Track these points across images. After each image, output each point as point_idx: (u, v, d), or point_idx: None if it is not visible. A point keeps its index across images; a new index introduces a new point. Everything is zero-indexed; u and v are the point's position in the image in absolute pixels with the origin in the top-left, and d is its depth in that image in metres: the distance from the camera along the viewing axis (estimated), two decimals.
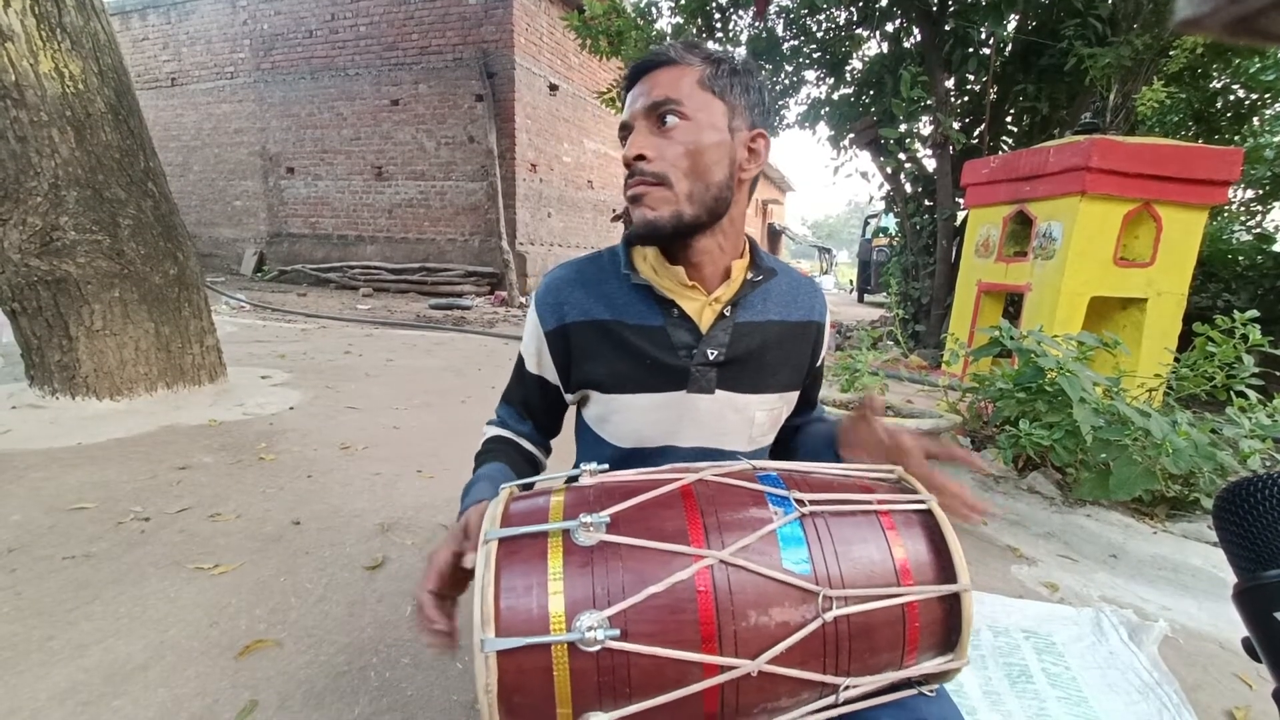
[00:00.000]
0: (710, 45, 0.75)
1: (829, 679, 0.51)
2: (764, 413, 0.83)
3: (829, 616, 0.50)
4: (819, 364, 0.92)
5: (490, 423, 0.93)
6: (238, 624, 1.38)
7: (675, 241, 0.76)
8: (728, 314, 0.78)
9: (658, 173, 0.71)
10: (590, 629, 0.46)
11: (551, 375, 0.85)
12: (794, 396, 0.87)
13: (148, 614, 1.40)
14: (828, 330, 0.90)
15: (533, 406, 0.89)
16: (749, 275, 0.80)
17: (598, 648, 0.46)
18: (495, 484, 0.75)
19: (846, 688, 0.52)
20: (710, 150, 0.72)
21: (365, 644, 1.34)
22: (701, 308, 0.79)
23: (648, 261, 0.81)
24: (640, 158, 0.72)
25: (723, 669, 0.48)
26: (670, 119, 0.71)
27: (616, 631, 0.46)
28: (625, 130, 0.76)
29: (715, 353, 0.78)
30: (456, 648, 0.57)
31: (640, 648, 0.47)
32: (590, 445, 0.87)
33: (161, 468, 2.23)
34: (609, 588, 0.48)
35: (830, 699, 0.52)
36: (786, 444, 0.95)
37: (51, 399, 2.69)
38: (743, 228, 0.81)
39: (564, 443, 0.96)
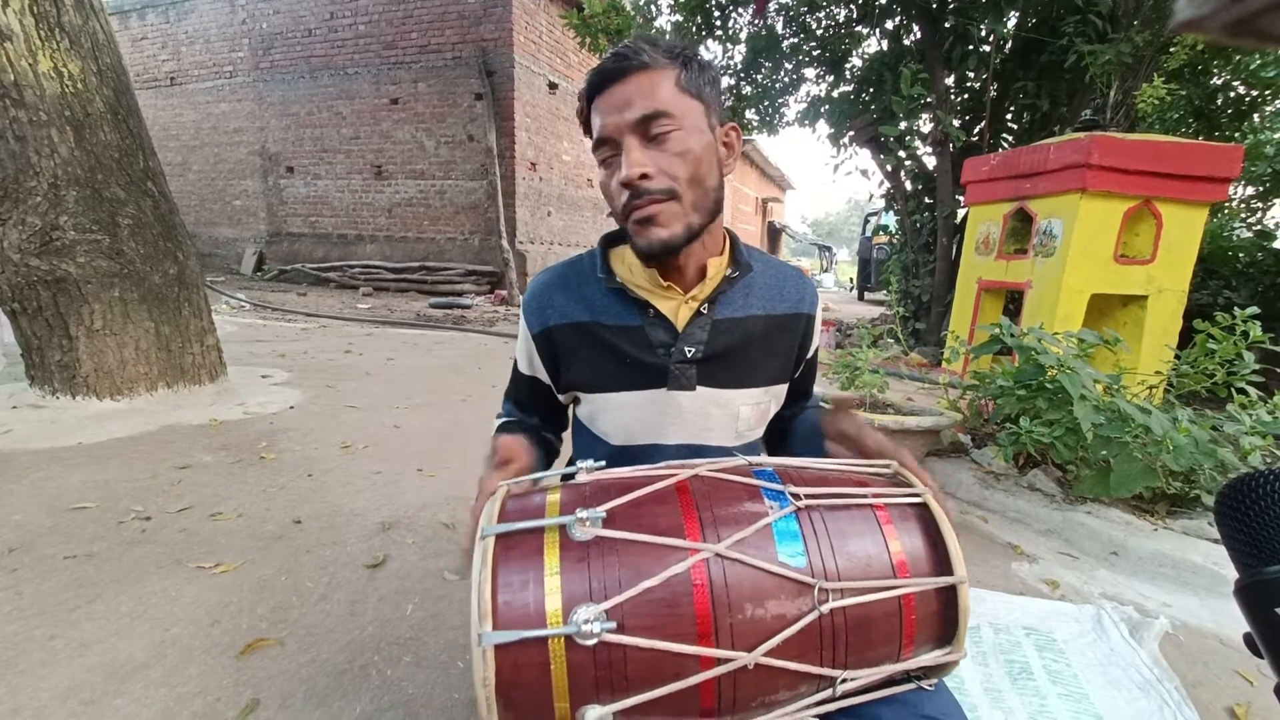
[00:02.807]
0: (669, 40, 0.73)
1: (826, 671, 0.51)
2: (749, 407, 0.83)
3: (825, 609, 0.50)
4: (811, 355, 0.91)
5: (499, 415, 0.95)
6: (239, 623, 1.39)
7: (684, 249, 0.74)
8: (705, 311, 0.78)
9: (665, 189, 0.69)
10: (587, 622, 0.46)
11: (543, 375, 0.87)
12: (781, 390, 0.87)
13: (149, 613, 1.40)
14: (819, 321, 0.90)
15: (531, 405, 0.91)
16: (727, 271, 0.80)
17: (594, 641, 0.46)
18: (515, 439, 0.74)
19: (843, 680, 0.52)
20: (704, 155, 0.71)
21: (366, 642, 1.34)
22: (677, 307, 0.79)
23: (624, 263, 0.81)
24: (644, 176, 0.68)
25: (719, 661, 0.48)
26: (662, 131, 0.68)
27: (613, 625, 0.47)
28: (605, 145, 0.71)
29: (693, 350, 0.78)
30: None
31: (637, 640, 0.47)
32: (584, 442, 0.88)
33: (162, 467, 2.23)
34: (605, 582, 0.48)
35: (827, 691, 0.52)
36: (784, 436, 0.95)
37: (52, 399, 2.70)
38: (721, 222, 0.81)
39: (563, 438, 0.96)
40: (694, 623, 0.48)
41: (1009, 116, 5.65)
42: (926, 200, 5.79)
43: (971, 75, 5.52)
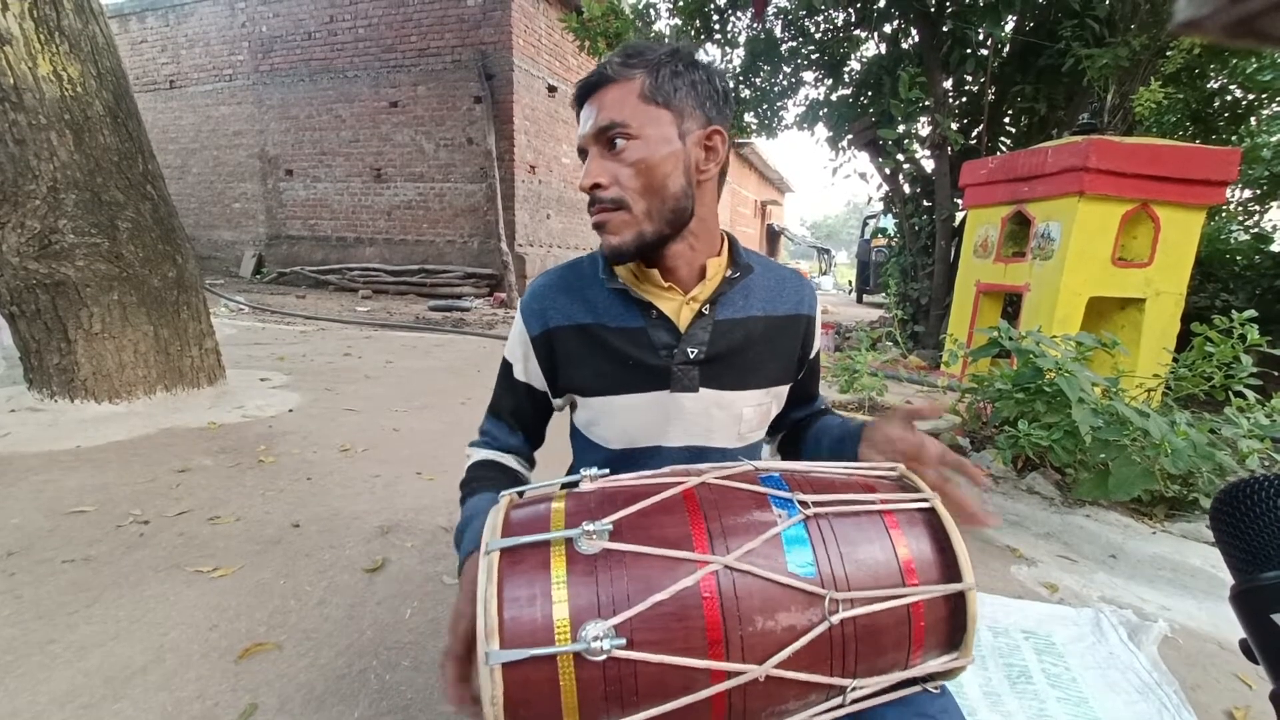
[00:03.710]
0: (652, 47, 0.73)
1: (836, 681, 0.51)
2: (751, 409, 0.83)
3: (835, 619, 0.50)
4: (813, 356, 0.91)
5: (474, 444, 0.90)
6: (237, 627, 1.38)
7: (644, 255, 0.76)
8: (706, 312, 0.79)
9: (614, 198, 0.72)
10: (596, 638, 0.45)
11: (538, 381, 0.85)
12: (783, 391, 0.87)
13: (147, 617, 1.40)
14: (819, 322, 0.90)
15: (522, 415, 0.88)
16: (727, 273, 0.80)
17: (604, 657, 0.46)
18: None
19: (853, 689, 0.52)
20: (662, 164, 0.71)
21: (365, 647, 1.34)
22: (679, 307, 0.79)
23: (625, 265, 0.81)
24: (596, 186, 0.72)
25: (730, 675, 0.47)
26: (618, 141, 0.71)
27: (622, 640, 0.46)
28: (581, 154, 0.76)
29: (695, 351, 0.78)
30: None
31: (647, 656, 0.46)
32: (583, 449, 0.88)
33: (161, 470, 2.22)
34: (614, 596, 0.48)
35: (837, 700, 0.52)
36: (797, 440, 0.94)
37: (50, 402, 2.69)
38: (716, 225, 0.81)
39: (561, 446, 0.96)
40: (704, 636, 0.48)
41: (1007, 120, 5.67)
42: (925, 203, 5.81)
43: (969, 79, 5.54)
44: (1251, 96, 5.05)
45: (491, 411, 0.91)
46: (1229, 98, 5.18)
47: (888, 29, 5.56)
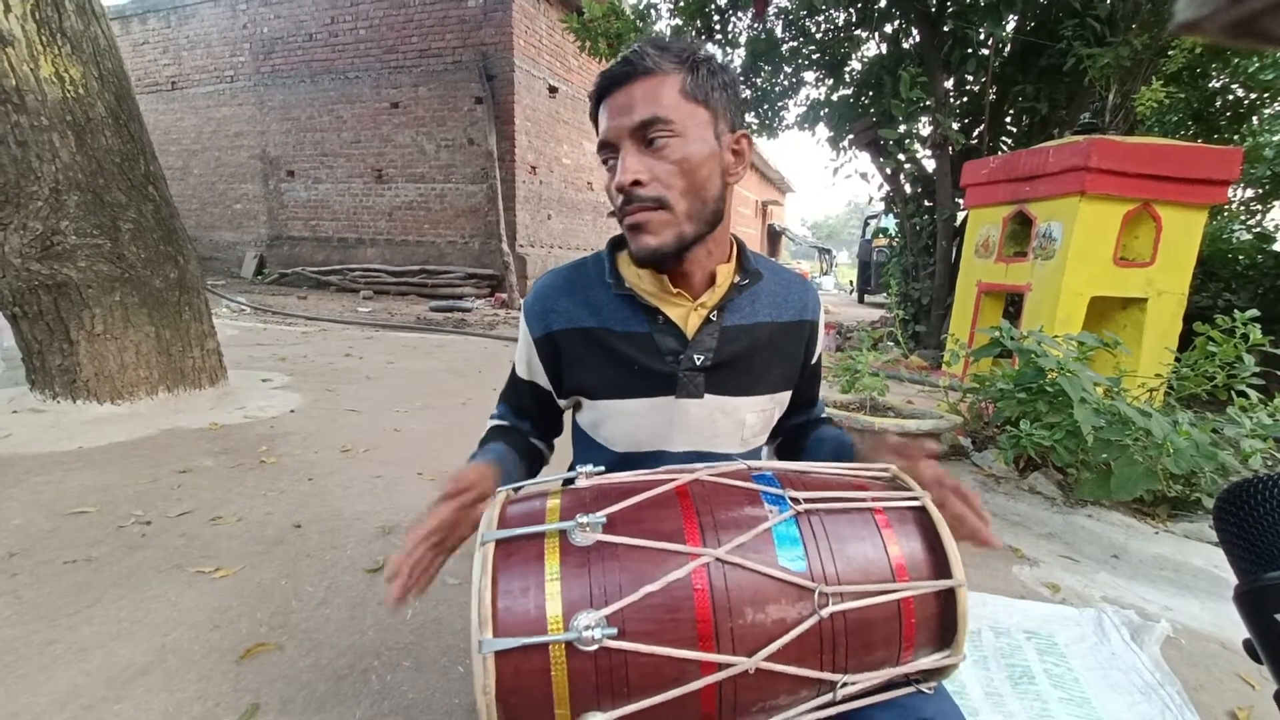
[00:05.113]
0: (682, 42, 0.71)
1: (826, 676, 0.51)
2: (755, 415, 0.82)
3: (825, 613, 0.50)
4: (814, 361, 0.91)
5: (493, 415, 0.94)
6: (239, 627, 1.38)
7: (679, 258, 0.74)
8: (714, 319, 0.78)
9: (656, 197, 0.69)
10: (587, 628, 0.46)
11: (543, 381, 0.85)
12: (785, 397, 0.87)
13: (149, 618, 1.40)
14: (821, 327, 0.90)
15: (526, 410, 0.90)
16: (736, 279, 0.80)
17: (595, 647, 0.46)
18: (496, 455, 0.77)
19: (844, 684, 0.52)
20: (703, 164, 0.70)
21: (366, 647, 1.34)
22: (687, 314, 0.78)
23: (632, 269, 0.80)
24: (636, 183, 0.68)
25: (720, 667, 0.48)
26: (659, 138, 0.68)
27: (614, 631, 0.46)
28: (607, 149, 0.72)
29: (702, 358, 0.77)
30: (405, 606, 0.59)
31: (638, 646, 0.47)
32: (586, 449, 0.87)
33: (162, 471, 2.23)
34: (606, 587, 0.48)
35: (828, 696, 0.52)
36: (794, 446, 0.94)
37: (52, 403, 2.70)
38: (729, 229, 0.80)
39: (563, 445, 0.96)
40: (694, 628, 0.48)
41: (1008, 119, 5.67)
42: (926, 203, 5.80)
43: (970, 78, 5.54)
44: (1253, 96, 5.05)
45: (503, 399, 0.93)
46: (1231, 97, 5.17)
47: (888, 29, 5.56)
